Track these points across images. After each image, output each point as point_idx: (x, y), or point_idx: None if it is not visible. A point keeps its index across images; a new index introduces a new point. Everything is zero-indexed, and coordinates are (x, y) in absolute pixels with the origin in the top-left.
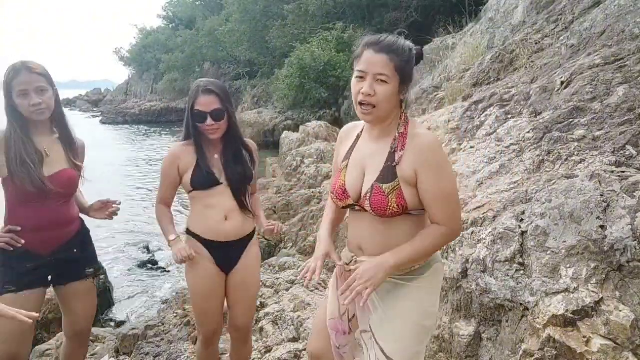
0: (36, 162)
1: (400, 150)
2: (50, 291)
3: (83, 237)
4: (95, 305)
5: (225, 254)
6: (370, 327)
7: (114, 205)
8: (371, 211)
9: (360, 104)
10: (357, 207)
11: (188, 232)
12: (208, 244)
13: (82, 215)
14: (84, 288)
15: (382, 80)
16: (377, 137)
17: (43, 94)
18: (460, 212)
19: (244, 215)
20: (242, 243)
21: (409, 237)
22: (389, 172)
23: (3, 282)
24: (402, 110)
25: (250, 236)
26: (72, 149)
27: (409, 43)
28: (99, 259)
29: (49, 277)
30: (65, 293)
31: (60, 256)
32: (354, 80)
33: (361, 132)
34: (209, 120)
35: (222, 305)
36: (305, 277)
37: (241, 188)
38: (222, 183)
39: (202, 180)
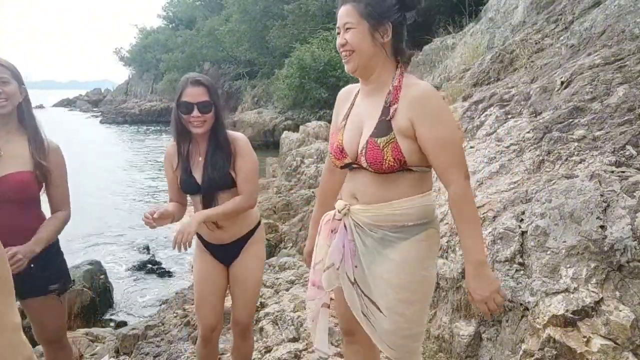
0: None
1: (394, 104)
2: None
3: (46, 255)
4: (63, 315)
5: (223, 252)
6: (355, 280)
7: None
8: (368, 167)
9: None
10: (355, 166)
11: None
12: (206, 242)
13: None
14: (48, 304)
15: (348, 28)
16: (372, 92)
17: (4, 85)
18: (464, 159)
19: (238, 219)
20: (241, 242)
21: (407, 193)
22: (383, 126)
23: None
24: (398, 63)
25: (250, 233)
26: (40, 150)
27: None
28: (100, 259)
29: None
30: (28, 306)
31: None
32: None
33: (358, 91)
34: (195, 112)
35: (221, 299)
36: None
37: (213, 195)
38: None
39: (186, 186)
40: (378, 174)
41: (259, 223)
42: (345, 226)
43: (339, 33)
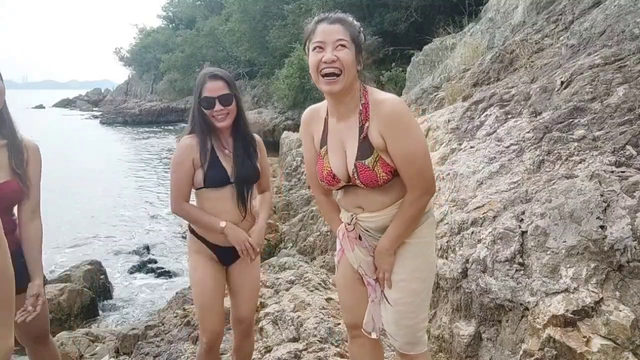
0: None
1: (366, 121)
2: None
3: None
4: (43, 316)
5: (228, 254)
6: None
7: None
8: (364, 187)
9: (324, 75)
10: (351, 184)
11: (193, 232)
12: (213, 246)
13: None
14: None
15: (342, 45)
16: (345, 114)
17: None
18: (431, 170)
19: (248, 219)
20: None
21: (402, 195)
22: (364, 146)
23: None
24: (361, 82)
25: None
26: (18, 157)
27: (355, 21)
28: (99, 258)
29: None
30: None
31: None
32: (311, 54)
33: (327, 115)
34: (218, 105)
35: (222, 303)
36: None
37: (248, 187)
38: (232, 182)
39: (216, 178)
40: (373, 188)
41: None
42: (359, 235)
43: (320, 48)
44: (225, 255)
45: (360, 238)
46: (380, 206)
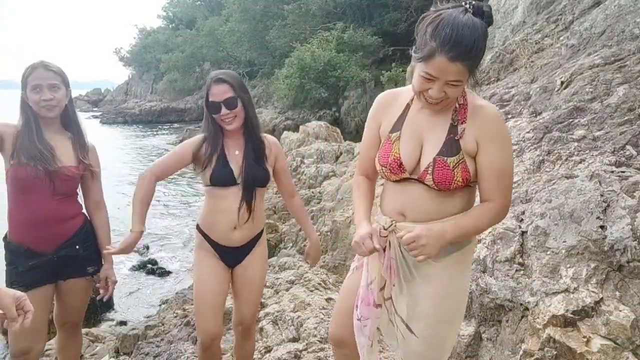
0: (44, 154)
1: (462, 123)
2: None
3: (85, 234)
4: (88, 298)
5: (232, 255)
6: (390, 297)
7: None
8: (433, 185)
9: (425, 97)
10: (412, 180)
11: (198, 228)
12: (215, 244)
13: (84, 212)
14: (82, 285)
15: (454, 85)
16: (435, 109)
17: (55, 91)
18: (512, 189)
19: (253, 221)
20: (249, 245)
21: (459, 209)
22: (452, 145)
23: (10, 282)
24: None
25: (258, 236)
26: (83, 149)
27: (481, 27)
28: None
29: (54, 274)
30: (63, 288)
31: (63, 253)
32: (420, 77)
33: (411, 101)
34: (223, 110)
35: (223, 305)
36: (367, 249)
37: (254, 189)
38: (238, 183)
39: (222, 178)
40: (436, 191)
41: (264, 225)
42: (389, 243)
43: (430, 80)
44: (227, 257)
45: (384, 250)
46: (426, 217)
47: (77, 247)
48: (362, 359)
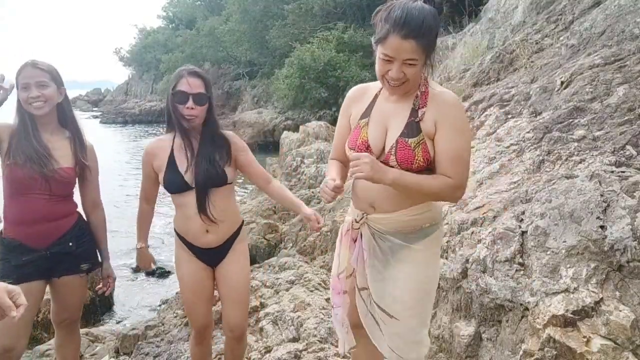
0: (41, 156)
1: (422, 107)
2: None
3: (79, 231)
4: (84, 296)
5: (210, 255)
6: (368, 285)
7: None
8: (397, 165)
9: (387, 80)
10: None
11: (175, 230)
12: (192, 246)
13: (79, 210)
14: (77, 282)
15: (411, 64)
16: (398, 96)
17: (43, 88)
18: (468, 173)
19: (225, 221)
20: (227, 243)
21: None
22: (413, 127)
23: (1, 276)
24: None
25: (235, 234)
26: (81, 148)
27: (430, 11)
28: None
29: (46, 270)
30: (58, 285)
31: (56, 250)
32: (379, 60)
33: (379, 91)
34: (190, 102)
35: (210, 300)
36: (326, 193)
37: (207, 191)
38: (193, 187)
39: (172, 184)
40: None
41: (242, 221)
42: (361, 234)
43: (389, 61)
44: (206, 257)
45: (355, 242)
46: (394, 206)
47: (71, 244)
48: (340, 345)
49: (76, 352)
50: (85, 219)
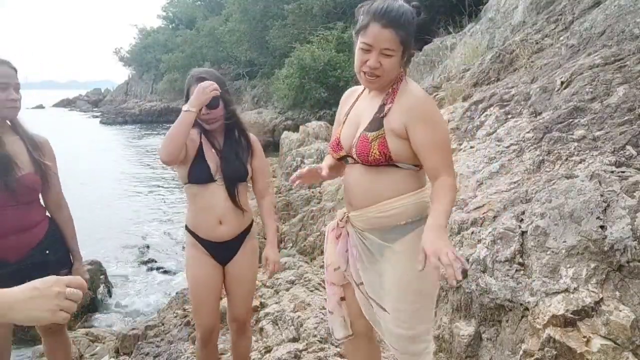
0: (2, 164)
1: (389, 103)
2: None
3: (53, 238)
4: None
5: (222, 250)
6: (362, 282)
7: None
8: (357, 158)
9: (364, 72)
10: (350, 160)
11: (186, 228)
12: (204, 242)
13: (48, 214)
14: None
15: (387, 55)
16: (374, 94)
17: (16, 91)
18: (451, 161)
19: (239, 215)
20: (238, 239)
21: (394, 192)
22: (376, 122)
23: None
24: (401, 68)
25: (247, 230)
26: (36, 148)
27: (409, 9)
28: (99, 258)
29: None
30: None
31: (33, 260)
32: (358, 50)
33: (361, 92)
34: (204, 109)
35: (217, 300)
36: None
37: (236, 184)
38: (216, 180)
39: (198, 175)
40: (367, 168)
41: (252, 219)
42: (347, 232)
43: (368, 51)
44: (219, 253)
45: (338, 238)
46: (365, 202)
47: (47, 252)
48: (331, 329)
49: (69, 354)
50: (55, 222)
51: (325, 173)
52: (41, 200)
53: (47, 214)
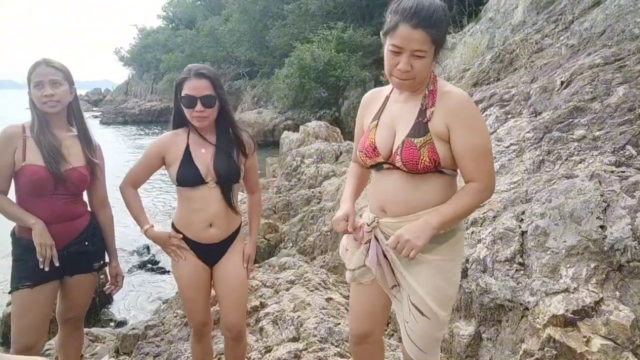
0: (55, 156)
1: (431, 107)
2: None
3: (93, 231)
4: (92, 293)
5: (209, 252)
6: (398, 283)
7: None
8: (402, 166)
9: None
10: (386, 166)
11: (173, 227)
12: (192, 243)
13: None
14: (88, 281)
15: (419, 56)
16: (407, 97)
17: (57, 87)
18: (494, 168)
19: (230, 217)
20: (227, 242)
21: (437, 199)
22: (420, 128)
23: (19, 278)
24: (432, 70)
25: (236, 233)
26: (90, 146)
27: (441, 4)
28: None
29: (61, 270)
30: (70, 284)
31: (72, 249)
32: (387, 52)
33: (390, 93)
34: (199, 106)
35: (208, 297)
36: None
37: (230, 186)
38: (207, 182)
39: (187, 178)
40: (409, 176)
41: (241, 221)
42: (377, 238)
43: (398, 53)
44: (206, 254)
45: (369, 242)
46: (403, 210)
47: (87, 243)
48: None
49: (78, 351)
50: (95, 217)
51: (355, 218)
52: (84, 196)
53: (88, 208)
